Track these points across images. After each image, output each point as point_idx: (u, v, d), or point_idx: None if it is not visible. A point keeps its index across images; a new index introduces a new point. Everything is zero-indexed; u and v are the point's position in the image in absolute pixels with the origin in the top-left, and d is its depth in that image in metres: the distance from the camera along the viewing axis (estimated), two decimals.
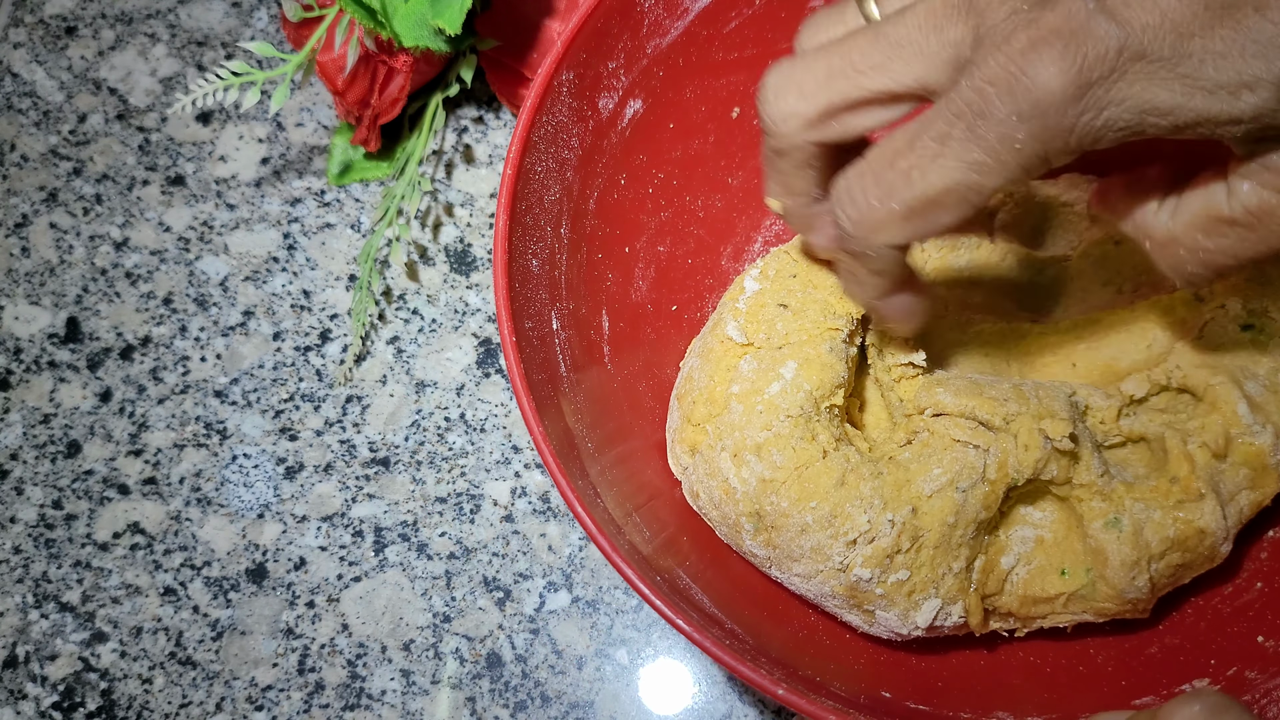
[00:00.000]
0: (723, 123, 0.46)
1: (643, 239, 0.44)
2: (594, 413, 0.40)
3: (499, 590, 0.47)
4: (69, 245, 0.52)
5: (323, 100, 0.55)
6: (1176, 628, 0.40)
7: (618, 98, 0.42)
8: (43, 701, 0.45)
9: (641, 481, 0.40)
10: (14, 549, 0.48)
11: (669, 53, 0.43)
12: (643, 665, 0.45)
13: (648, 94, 0.43)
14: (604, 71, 0.41)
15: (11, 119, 0.54)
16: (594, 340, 0.42)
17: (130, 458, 0.49)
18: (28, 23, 0.56)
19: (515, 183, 0.37)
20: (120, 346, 0.51)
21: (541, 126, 0.39)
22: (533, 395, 0.35)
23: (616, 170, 0.43)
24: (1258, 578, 0.40)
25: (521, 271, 0.37)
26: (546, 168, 0.39)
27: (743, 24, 0.44)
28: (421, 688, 0.45)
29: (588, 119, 0.41)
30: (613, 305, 0.43)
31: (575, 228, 0.41)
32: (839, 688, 0.35)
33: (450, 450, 0.49)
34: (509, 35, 0.51)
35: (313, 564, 0.47)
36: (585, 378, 0.40)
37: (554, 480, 0.34)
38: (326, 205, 0.53)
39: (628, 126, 0.43)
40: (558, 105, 0.39)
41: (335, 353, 0.51)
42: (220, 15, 0.56)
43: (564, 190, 0.40)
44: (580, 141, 0.41)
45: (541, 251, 0.39)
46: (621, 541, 0.34)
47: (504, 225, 0.37)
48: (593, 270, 0.42)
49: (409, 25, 0.48)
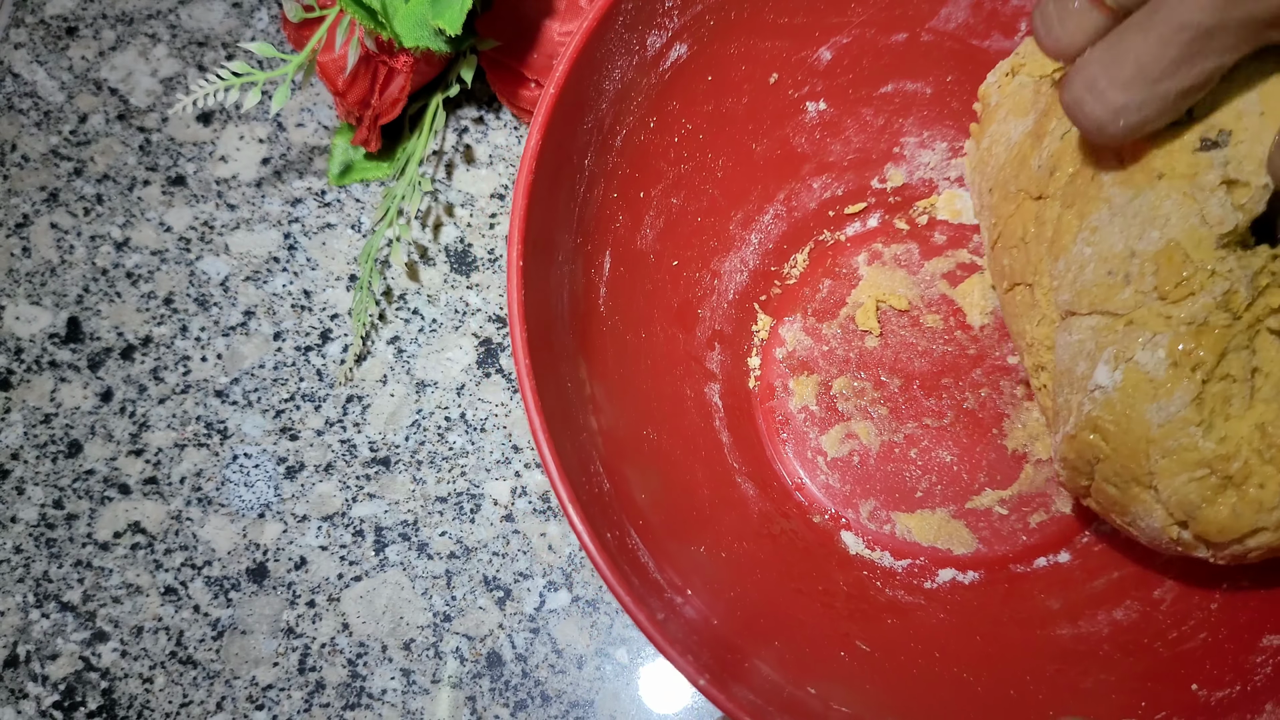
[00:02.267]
0: (759, 86, 0.45)
1: (659, 187, 0.44)
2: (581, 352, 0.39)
3: (499, 590, 0.47)
4: (70, 245, 0.52)
5: (323, 101, 0.55)
6: (1113, 665, 0.39)
7: (666, 38, 0.41)
8: (43, 701, 0.45)
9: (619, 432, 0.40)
10: (15, 548, 0.48)
11: (723, 2, 0.42)
12: (643, 664, 0.46)
13: (694, 41, 0.42)
14: (660, 8, 0.40)
15: (12, 119, 0.54)
16: (593, 280, 0.41)
17: (131, 457, 0.49)
18: (28, 23, 0.56)
19: (556, 102, 0.36)
20: (121, 346, 0.51)
21: (592, 50, 0.38)
22: (526, 322, 0.34)
23: (649, 112, 0.42)
24: (1204, 629, 0.39)
25: (543, 197, 0.37)
26: (586, 95, 0.39)
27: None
28: (422, 687, 0.45)
29: (634, 53, 0.40)
30: (617, 248, 0.42)
31: (598, 162, 0.41)
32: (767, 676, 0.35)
33: (450, 450, 0.49)
34: (509, 36, 0.51)
35: (313, 563, 0.47)
36: (579, 315, 0.40)
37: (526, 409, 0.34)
38: (327, 205, 0.53)
39: (669, 70, 0.42)
40: (611, 33, 0.38)
41: (336, 353, 0.51)
42: (221, 15, 0.56)
43: (596, 121, 0.40)
44: (622, 75, 0.40)
45: (563, 179, 0.39)
46: (581, 490, 0.34)
47: (536, 143, 0.36)
48: (605, 209, 0.42)
49: (409, 26, 0.48)
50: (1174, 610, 0.39)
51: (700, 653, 0.33)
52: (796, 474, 0.47)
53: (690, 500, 0.42)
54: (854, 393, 0.48)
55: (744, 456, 0.46)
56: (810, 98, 0.47)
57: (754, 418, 0.48)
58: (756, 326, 0.49)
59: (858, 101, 0.47)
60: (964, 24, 0.45)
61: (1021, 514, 0.45)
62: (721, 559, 0.41)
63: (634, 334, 0.43)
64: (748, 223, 0.48)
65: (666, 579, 0.37)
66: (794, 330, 0.49)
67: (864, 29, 0.45)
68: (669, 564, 0.37)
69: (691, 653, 0.32)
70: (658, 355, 0.44)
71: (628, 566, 0.34)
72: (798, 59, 0.46)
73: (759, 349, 0.49)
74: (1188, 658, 0.38)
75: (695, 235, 0.46)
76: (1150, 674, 0.38)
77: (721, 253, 0.47)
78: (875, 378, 0.48)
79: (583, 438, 0.37)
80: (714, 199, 0.46)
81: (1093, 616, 0.41)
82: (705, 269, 0.47)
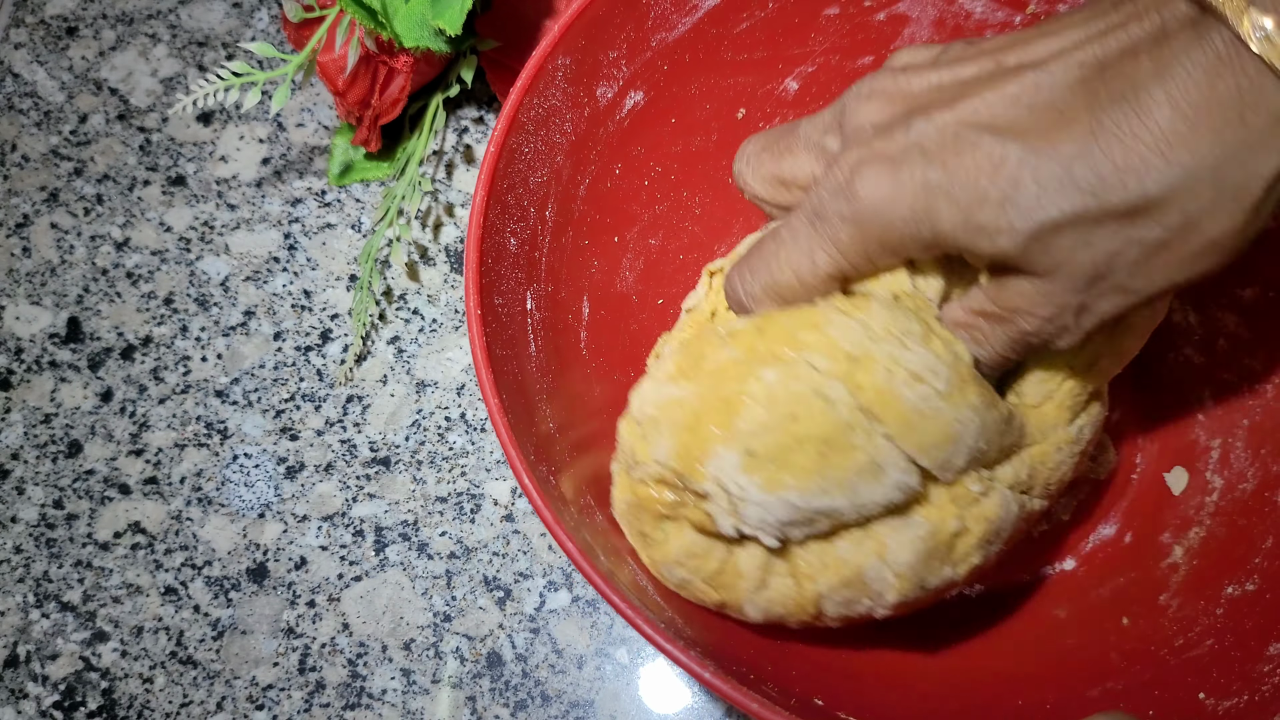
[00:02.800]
0: (727, 122, 0.45)
1: (634, 230, 0.44)
2: (562, 395, 0.39)
3: (499, 590, 0.47)
4: (70, 245, 0.52)
5: (323, 100, 0.55)
6: (1121, 673, 0.39)
7: (617, 87, 0.41)
8: (44, 701, 0.45)
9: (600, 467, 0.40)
10: (15, 548, 0.48)
11: (675, 48, 0.42)
12: (643, 664, 0.46)
13: (650, 86, 0.42)
14: (604, 60, 0.40)
15: (12, 119, 0.54)
16: (571, 324, 0.41)
17: (131, 457, 0.49)
18: (29, 23, 0.56)
19: (498, 160, 0.37)
20: (121, 346, 0.51)
21: (531, 108, 0.38)
22: (493, 368, 0.34)
23: (612, 159, 0.42)
24: (1210, 635, 0.39)
25: (496, 248, 0.37)
26: (535, 149, 0.39)
27: (754, 26, 0.43)
28: (422, 687, 0.45)
29: (583, 105, 0.40)
30: (595, 292, 0.42)
31: (562, 211, 0.41)
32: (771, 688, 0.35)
33: (451, 450, 0.49)
34: (509, 36, 0.51)
35: (313, 563, 0.47)
36: (557, 360, 0.40)
37: (504, 449, 0.34)
38: (327, 205, 0.53)
39: (626, 117, 0.42)
40: (551, 89, 0.39)
41: (336, 353, 0.51)
42: (221, 16, 0.56)
43: (553, 174, 0.40)
44: (574, 127, 0.40)
45: (522, 231, 0.39)
46: (568, 519, 0.34)
47: (481, 201, 0.36)
48: (577, 255, 0.42)
49: (409, 26, 0.48)
50: (1180, 617, 0.39)
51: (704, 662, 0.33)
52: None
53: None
54: None
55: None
56: None
57: None
58: None
59: None
60: (928, 41, 0.45)
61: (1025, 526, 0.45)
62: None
63: (621, 374, 0.43)
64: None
65: (668, 600, 0.37)
66: None
67: (828, 56, 0.45)
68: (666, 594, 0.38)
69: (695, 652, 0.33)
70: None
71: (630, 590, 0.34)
72: (764, 92, 0.45)
73: None
74: (1195, 665, 0.38)
75: (679, 273, 0.46)
76: (1157, 682, 0.38)
77: None
78: None
79: (570, 472, 0.37)
80: (695, 235, 0.46)
81: (1099, 624, 0.41)
82: None
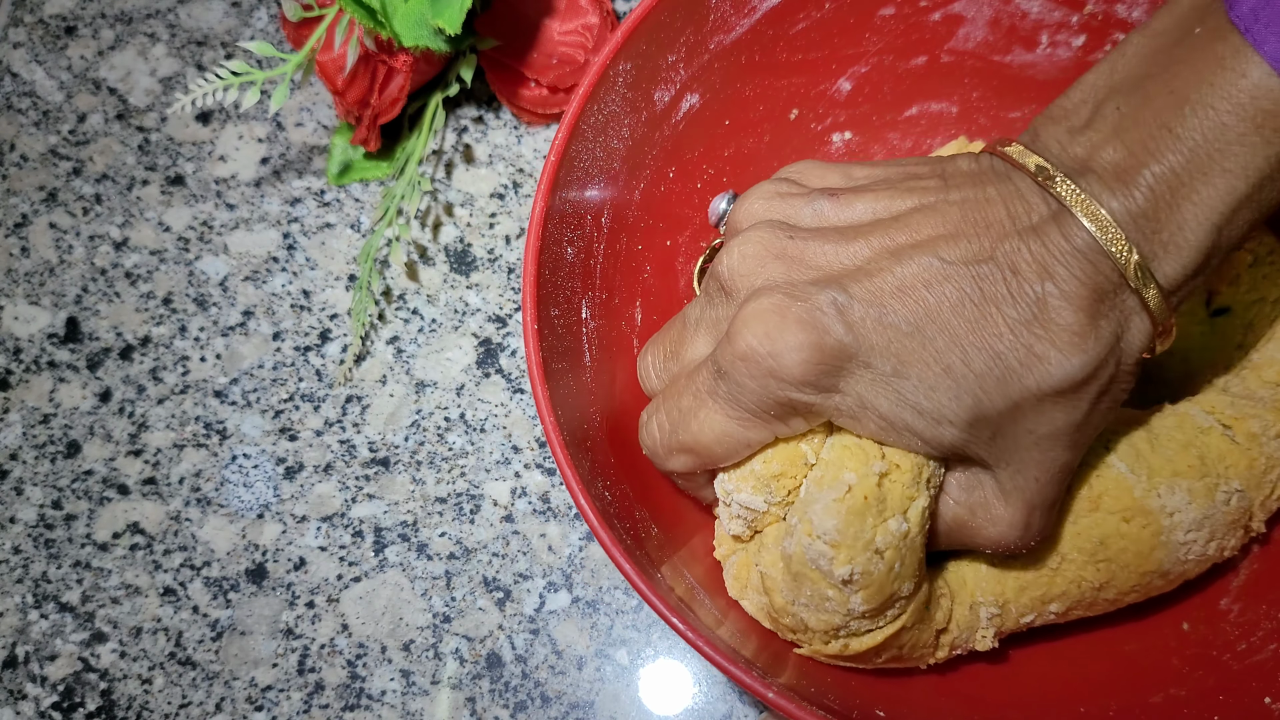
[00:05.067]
0: (780, 123, 0.45)
1: (686, 233, 0.44)
2: (616, 405, 0.39)
3: (499, 590, 0.47)
4: (68, 245, 0.52)
5: (322, 100, 0.55)
6: (1184, 679, 0.38)
7: (674, 91, 0.41)
8: (42, 702, 0.45)
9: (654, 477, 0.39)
10: (14, 549, 0.48)
11: (732, 50, 0.42)
12: (643, 665, 0.45)
13: (705, 89, 0.42)
14: (663, 64, 0.40)
15: (11, 119, 0.54)
16: (624, 332, 0.41)
17: (130, 458, 0.49)
18: (27, 22, 0.56)
19: (557, 169, 0.36)
20: (120, 346, 0.51)
21: (592, 115, 0.38)
22: (548, 383, 0.34)
23: (666, 163, 0.42)
24: (1273, 639, 0.38)
25: (553, 260, 0.37)
26: (593, 157, 0.38)
27: (810, 27, 0.43)
28: (421, 688, 0.45)
29: (641, 110, 0.40)
30: (648, 298, 0.42)
31: (617, 218, 0.40)
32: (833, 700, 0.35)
33: (450, 450, 0.49)
34: (509, 35, 0.51)
35: (312, 564, 0.47)
36: (612, 368, 0.40)
37: (557, 464, 0.34)
38: (326, 205, 0.53)
39: (682, 120, 0.42)
40: (611, 95, 0.38)
41: (335, 353, 0.51)
42: (220, 15, 0.56)
43: (609, 180, 0.40)
44: (631, 132, 0.40)
45: (578, 240, 0.38)
46: (623, 536, 0.34)
47: (540, 212, 0.36)
48: (631, 261, 0.42)
49: (409, 25, 0.48)
50: (1241, 621, 0.38)
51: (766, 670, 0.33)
52: None
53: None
54: None
55: None
56: (834, 129, 0.46)
57: None
58: None
59: (883, 127, 0.47)
60: (983, 41, 0.45)
61: None
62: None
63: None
64: None
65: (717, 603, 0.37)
66: None
67: (881, 56, 0.45)
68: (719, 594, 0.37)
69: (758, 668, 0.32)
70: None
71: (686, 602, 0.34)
72: (816, 93, 0.45)
73: None
74: (1259, 670, 0.37)
75: None
76: (1221, 688, 0.37)
77: None
78: None
79: (623, 487, 0.37)
80: None
81: (1159, 631, 0.40)
82: None
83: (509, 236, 0.52)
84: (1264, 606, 0.39)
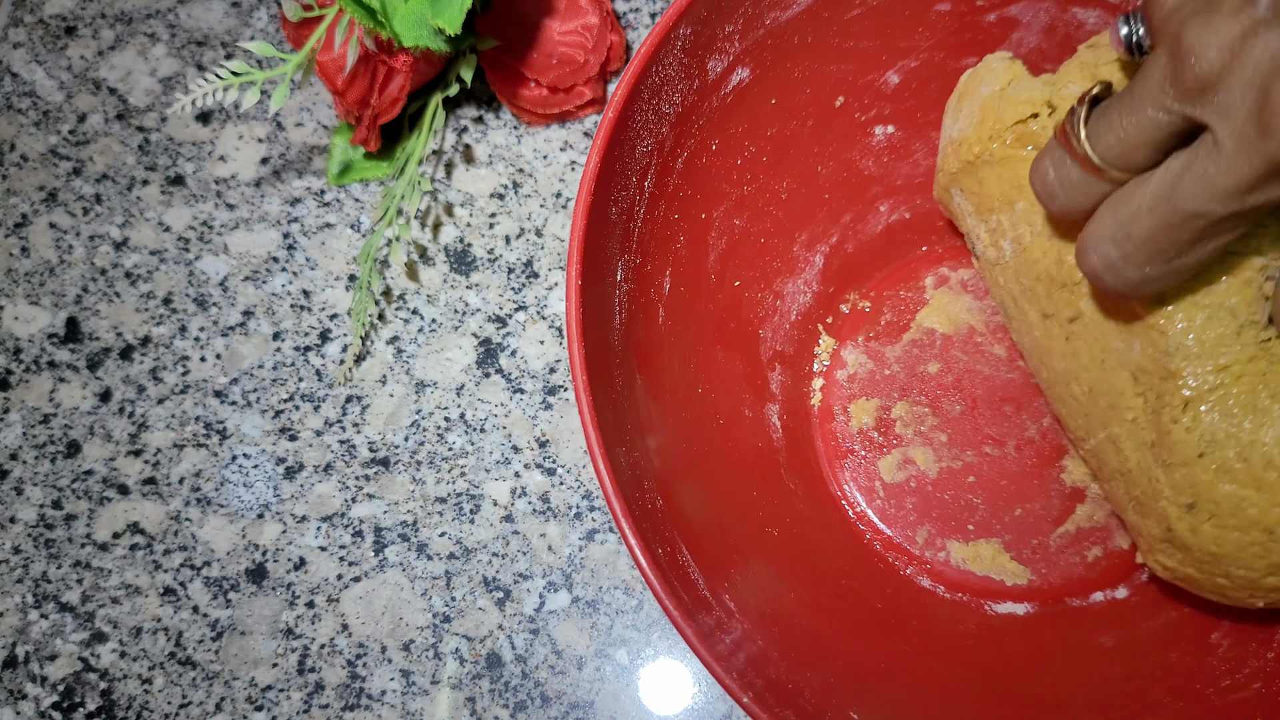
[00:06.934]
0: (824, 109, 0.45)
1: (721, 208, 0.44)
2: (643, 372, 0.39)
3: (499, 590, 0.47)
4: (68, 245, 0.52)
5: (322, 100, 0.55)
6: (1164, 709, 0.38)
7: (727, 62, 0.41)
8: (42, 701, 0.45)
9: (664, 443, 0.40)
10: (14, 549, 0.48)
11: (786, 27, 0.42)
12: (643, 665, 0.45)
13: (757, 64, 0.42)
14: (720, 33, 0.40)
15: (11, 119, 0.54)
16: (652, 300, 0.41)
17: (130, 458, 0.49)
18: (27, 22, 0.56)
19: (614, 127, 0.37)
20: (120, 346, 0.51)
21: (650, 76, 0.38)
22: (584, 341, 0.35)
23: (711, 135, 0.42)
24: (1258, 678, 0.38)
25: (600, 216, 0.37)
26: (645, 118, 0.39)
27: (865, 13, 0.43)
28: (421, 688, 0.45)
29: (694, 77, 0.40)
30: (678, 268, 0.42)
31: (659, 183, 0.40)
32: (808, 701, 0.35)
33: (450, 450, 0.49)
34: (509, 35, 0.51)
35: (312, 564, 0.47)
36: (636, 334, 0.40)
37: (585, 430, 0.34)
38: (326, 205, 0.53)
39: (731, 93, 0.42)
40: (669, 58, 0.38)
41: (335, 353, 0.51)
42: (220, 15, 0.56)
43: (657, 144, 0.40)
44: (683, 99, 0.40)
45: (622, 200, 0.39)
46: (634, 505, 0.34)
47: (594, 167, 0.36)
48: (666, 229, 0.42)
49: (409, 25, 0.48)
50: (1229, 656, 0.38)
51: (746, 671, 0.33)
52: (853, 498, 0.47)
53: (744, 520, 0.42)
54: (914, 418, 0.47)
55: (801, 478, 0.46)
56: (878, 121, 0.46)
57: (813, 440, 0.47)
58: (819, 348, 0.48)
59: (926, 125, 0.47)
60: (1036, 48, 0.44)
61: (1079, 548, 0.45)
62: (773, 579, 0.41)
63: (693, 354, 0.43)
64: (812, 244, 0.47)
65: (716, 596, 0.37)
66: (856, 353, 0.48)
67: (932, 53, 0.45)
68: (719, 581, 0.37)
69: (736, 670, 0.32)
70: (717, 376, 0.44)
71: (677, 582, 0.34)
72: (864, 82, 0.45)
73: (821, 371, 0.48)
74: (1240, 708, 0.37)
75: (758, 256, 0.46)
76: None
77: (785, 274, 0.47)
78: (936, 403, 0.47)
79: (636, 455, 0.37)
80: (778, 220, 0.46)
81: (1146, 657, 0.40)
82: (768, 290, 0.46)
83: (509, 236, 0.52)
84: (1253, 644, 0.39)
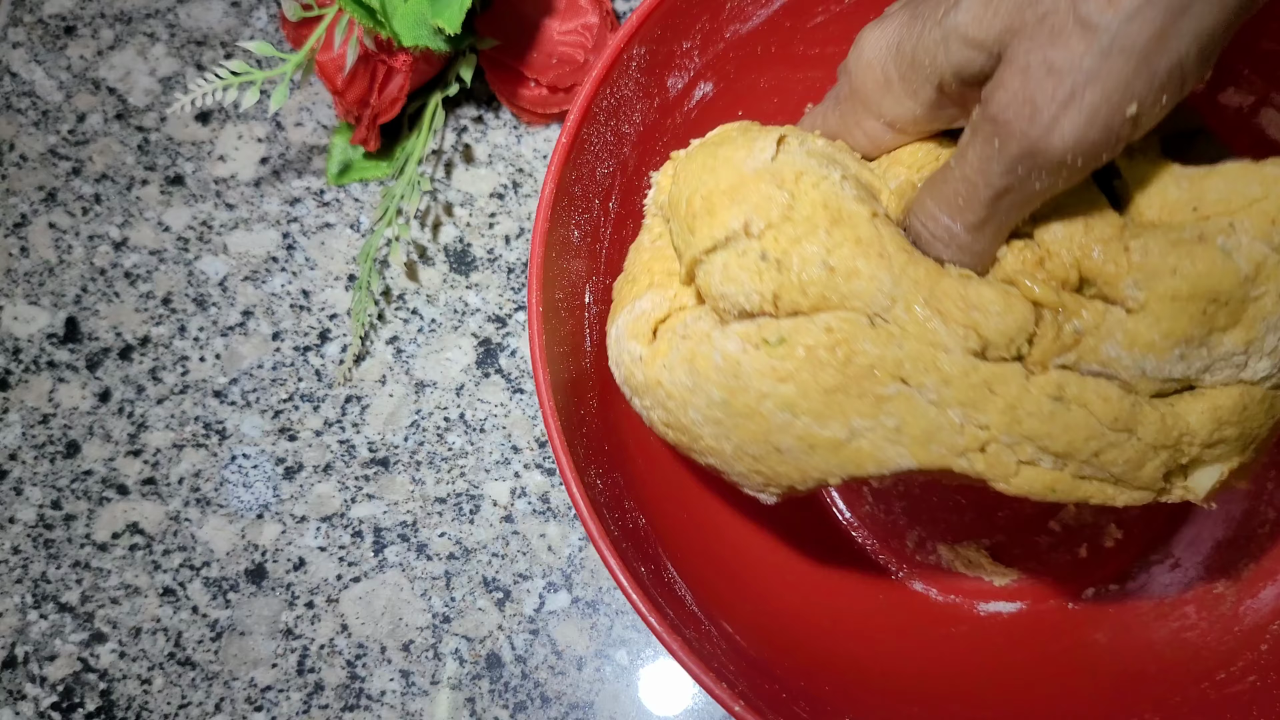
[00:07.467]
0: (794, 116, 0.44)
1: None
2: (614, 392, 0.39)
3: (499, 591, 0.47)
4: (68, 245, 0.52)
5: (322, 100, 0.55)
6: (1158, 704, 0.38)
7: (688, 78, 0.41)
8: (42, 702, 0.45)
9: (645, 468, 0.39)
10: (13, 549, 0.48)
11: (748, 39, 0.41)
12: (643, 666, 0.45)
13: (720, 78, 0.42)
14: (678, 50, 0.40)
15: (10, 119, 0.54)
16: None
17: (129, 458, 0.49)
18: (27, 22, 0.56)
19: (569, 152, 0.36)
20: (119, 346, 0.51)
21: (604, 98, 0.38)
22: (549, 367, 0.34)
23: (677, 150, 0.42)
24: (1253, 671, 0.38)
25: (561, 241, 0.37)
26: (604, 140, 0.38)
27: (828, 20, 0.43)
28: (421, 688, 0.45)
29: (654, 96, 0.40)
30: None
31: (625, 203, 0.40)
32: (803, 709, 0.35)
33: (450, 450, 0.49)
34: (509, 35, 0.51)
35: (312, 564, 0.47)
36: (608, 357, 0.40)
37: (554, 453, 0.33)
38: (326, 205, 0.53)
39: (695, 108, 0.42)
40: (625, 79, 0.38)
41: (334, 353, 0.51)
42: (219, 15, 0.56)
43: (618, 165, 0.40)
44: (643, 118, 0.40)
45: (585, 224, 0.38)
46: (612, 527, 0.34)
47: (550, 194, 0.36)
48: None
49: (408, 25, 0.48)
50: (1222, 650, 0.38)
51: (737, 680, 0.33)
52: (842, 505, 0.46)
53: (732, 532, 0.42)
54: None
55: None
56: None
57: None
58: None
59: None
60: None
61: (1069, 545, 0.45)
62: (763, 589, 0.41)
63: None
64: None
65: (705, 611, 0.36)
66: None
67: None
68: (708, 595, 0.37)
69: (727, 680, 0.32)
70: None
71: (663, 599, 0.34)
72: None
73: None
74: (1235, 701, 0.37)
75: None
76: (1197, 714, 0.37)
77: None
78: None
79: (616, 475, 0.37)
80: None
81: (1139, 653, 0.40)
82: None
83: (509, 236, 0.52)
84: (1246, 637, 0.39)
